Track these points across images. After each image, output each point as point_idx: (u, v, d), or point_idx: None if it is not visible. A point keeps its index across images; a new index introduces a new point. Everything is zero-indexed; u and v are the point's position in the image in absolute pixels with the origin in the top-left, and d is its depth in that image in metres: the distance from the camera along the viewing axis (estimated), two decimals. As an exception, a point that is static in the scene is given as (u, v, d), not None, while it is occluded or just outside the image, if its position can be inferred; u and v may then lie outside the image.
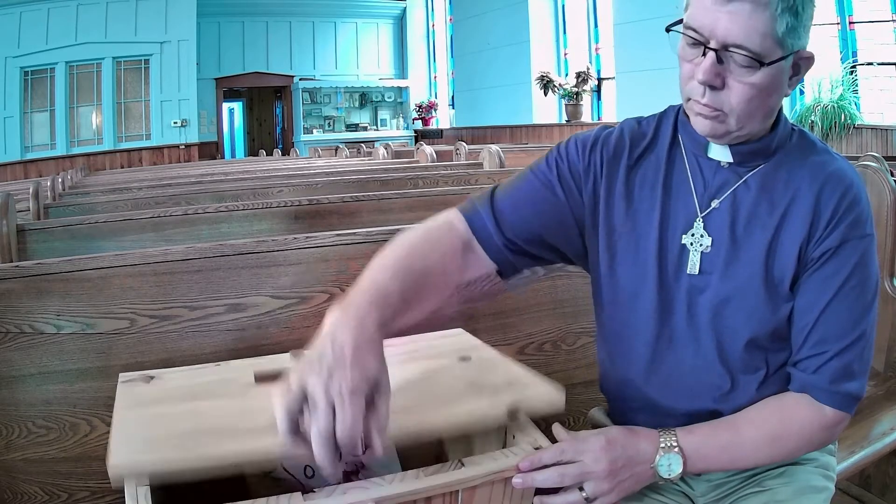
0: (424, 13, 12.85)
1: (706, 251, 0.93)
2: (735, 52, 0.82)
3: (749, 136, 0.91)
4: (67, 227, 2.39)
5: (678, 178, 0.96)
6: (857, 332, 0.90)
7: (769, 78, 0.84)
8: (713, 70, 0.84)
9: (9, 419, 1.10)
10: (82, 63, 9.98)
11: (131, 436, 0.82)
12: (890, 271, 1.77)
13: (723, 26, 0.81)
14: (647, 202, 0.96)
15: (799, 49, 0.85)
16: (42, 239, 2.36)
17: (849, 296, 0.90)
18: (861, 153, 3.73)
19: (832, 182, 0.91)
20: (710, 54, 0.83)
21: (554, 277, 1.44)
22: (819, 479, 0.97)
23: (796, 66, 0.88)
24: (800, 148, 0.94)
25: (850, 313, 0.90)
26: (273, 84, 12.34)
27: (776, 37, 0.82)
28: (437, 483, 0.79)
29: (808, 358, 0.91)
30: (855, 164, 1.84)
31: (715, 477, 0.99)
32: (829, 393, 0.90)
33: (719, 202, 0.93)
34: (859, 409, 1.56)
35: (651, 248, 0.95)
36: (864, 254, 0.90)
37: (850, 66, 5.92)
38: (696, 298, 0.93)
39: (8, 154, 9.60)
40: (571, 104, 9.11)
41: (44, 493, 1.12)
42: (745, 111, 0.86)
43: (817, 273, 0.90)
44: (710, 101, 0.86)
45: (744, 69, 0.83)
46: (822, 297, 0.90)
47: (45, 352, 1.11)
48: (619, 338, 1.01)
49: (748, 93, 0.84)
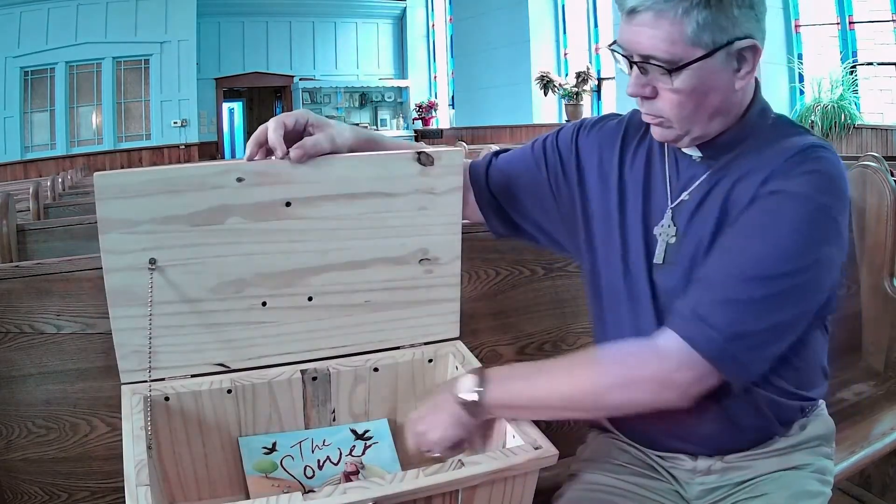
0: (424, 13, 12.84)
1: (671, 242, 0.95)
2: (650, 64, 0.84)
3: (707, 135, 0.90)
4: (67, 227, 2.39)
5: (659, 171, 0.98)
6: (726, 271, 0.84)
7: (695, 80, 0.84)
8: (639, 82, 0.87)
9: (9, 419, 1.10)
10: (82, 63, 9.97)
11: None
12: (890, 271, 1.77)
13: (634, 40, 0.84)
14: (631, 193, 0.99)
15: (730, 41, 0.83)
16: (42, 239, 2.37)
17: (735, 235, 0.86)
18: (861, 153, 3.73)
19: (790, 150, 0.87)
20: (634, 68, 0.86)
21: (554, 277, 1.45)
22: (815, 483, 0.96)
23: (740, 58, 0.85)
24: (775, 133, 0.91)
25: (726, 250, 0.85)
26: (273, 84, 12.33)
27: (687, 38, 0.81)
28: (437, 482, 0.79)
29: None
30: (855, 164, 1.85)
31: (709, 481, 0.98)
32: (673, 317, 0.86)
33: (688, 194, 0.94)
34: (859, 409, 1.57)
35: (630, 237, 0.98)
36: (787, 208, 0.83)
37: (850, 66, 5.92)
38: (660, 288, 0.95)
39: (8, 154, 9.60)
40: (571, 104, 9.10)
41: (44, 493, 1.12)
42: (681, 116, 0.87)
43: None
44: (648, 110, 0.90)
45: (662, 77, 0.85)
46: (719, 240, 0.88)
47: (45, 352, 1.11)
48: (602, 326, 1.05)
49: (675, 98, 0.86)
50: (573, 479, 1.03)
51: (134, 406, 0.91)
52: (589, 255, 1.04)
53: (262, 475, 0.98)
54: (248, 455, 1.00)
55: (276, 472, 0.99)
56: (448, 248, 1.06)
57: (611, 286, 1.01)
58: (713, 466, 0.98)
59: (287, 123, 0.94)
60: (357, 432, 1.06)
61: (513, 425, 0.91)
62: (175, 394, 0.97)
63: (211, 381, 0.99)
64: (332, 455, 1.03)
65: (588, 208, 1.04)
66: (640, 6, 0.82)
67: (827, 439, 1.01)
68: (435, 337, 1.11)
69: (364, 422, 1.08)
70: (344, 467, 1.02)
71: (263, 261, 0.98)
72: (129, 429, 0.87)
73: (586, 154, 1.05)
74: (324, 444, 1.04)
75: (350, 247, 1.01)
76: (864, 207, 1.79)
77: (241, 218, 0.94)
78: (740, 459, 0.97)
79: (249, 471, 0.99)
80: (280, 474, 0.99)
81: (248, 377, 1.01)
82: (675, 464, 1.01)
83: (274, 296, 1.00)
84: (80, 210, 3.18)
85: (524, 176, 1.09)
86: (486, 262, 1.38)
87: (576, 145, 1.06)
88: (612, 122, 1.06)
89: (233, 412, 1.01)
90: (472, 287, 1.36)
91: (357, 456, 1.04)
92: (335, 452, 1.03)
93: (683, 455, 1.00)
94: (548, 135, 1.11)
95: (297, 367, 1.03)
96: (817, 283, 0.86)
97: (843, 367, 1.77)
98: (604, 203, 1.01)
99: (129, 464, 0.79)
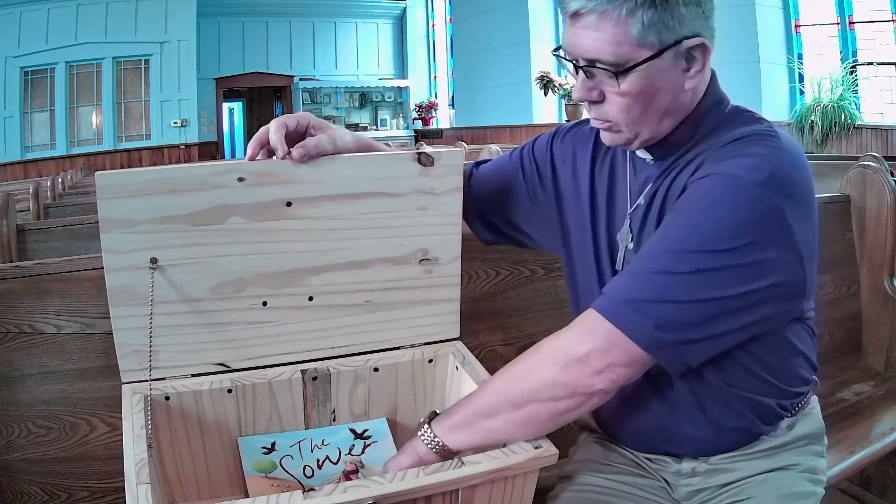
0: (424, 13, 12.84)
1: (629, 247, 0.95)
2: (595, 67, 0.83)
3: (657, 136, 0.89)
4: (67, 227, 2.39)
5: (621, 176, 0.99)
6: (652, 252, 0.82)
7: (642, 81, 0.82)
8: (585, 87, 0.86)
9: (9, 419, 1.11)
10: (82, 63, 9.97)
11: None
12: (890, 271, 1.77)
13: (578, 44, 0.83)
14: (600, 199, 1.00)
15: (678, 41, 0.81)
16: (42, 239, 2.37)
17: (665, 222, 0.85)
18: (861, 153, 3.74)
19: (728, 140, 0.85)
20: (580, 72, 0.85)
21: (554, 277, 1.45)
22: (805, 483, 0.94)
23: (689, 58, 0.84)
24: (725, 126, 0.88)
25: (658, 239, 0.83)
26: (273, 84, 12.33)
27: (632, 39, 0.80)
28: (437, 481, 0.79)
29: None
30: (855, 164, 1.85)
31: (694, 483, 0.98)
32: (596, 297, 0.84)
33: (642, 198, 0.94)
34: (859, 409, 1.57)
35: (599, 243, 0.99)
36: (719, 188, 0.80)
37: (850, 66, 5.92)
38: None
39: (8, 154, 9.60)
40: (571, 104, 9.08)
41: (44, 493, 1.12)
42: (629, 119, 0.86)
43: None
44: (596, 115, 0.88)
45: (609, 80, 0.83)
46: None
47: (45, 352, 1.11)
48: None
49: (622, 101, 0.84)
50: (566, 480, 1.03)
51: (134, 406, 0.91)
52: (567, 258, 1.06)
53: (261, 475, 0.98)
54: (248, 455, 1.00)
55: (275, 472, 0.99)
56: (448, 248, 1.06)
57: (587, 290, 1.02)
58: (697, 468, 0.98)
59: (288, 125, 0.94)
60: (356, 432, 1.06)
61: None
62: (175, 393, 0.97)
63: (211, 380, 0.99)
64: (331, 454, 1.03)
65: (564, 214, 1.05)
66: (583, 8, 0.80)
67: (817, 438, 1.00)
68: (435, 337, 1.11)
69: (363, 421, 1.08)
70: (343, 466, 1.02)
71: (264, 261, 0.98)
72: (130, 428, 0.87)
73: (560, 161, 1.07)
74: (323, 443, 1.04)
75: (350, 247, 1.01)
76: (864, 207, 1.79)
77: (242, 218, 0.94)
78: (724, 461, 0.96)
79: (249, 471, 0.98)
80: (279, 474, 0.99)
81: (249, 377, 1.01)
82: (661, 465, 1.01)
83: (274, 296, 1.00)
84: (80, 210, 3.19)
85: (504, 184, 1.11)
86: (486, 262, 1.39)
87: (551, 153, 1.08)
88: (586, 127, 1.06)
89: (233, 412, 1.01)
90: (472, 287, 1.36)
91: (357, 455, 1.04)
92: (334, 452, 1.03)
93: (668, 457, 1.00)
94: (526, 143, 1.12)
95: (297, 366, 1.03)
96: (757, 268, 0.79)
97: (843, 367, 1.77)
98: (577, 210, 1.03)
99: (129, 463, 0.79)
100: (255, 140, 0.94)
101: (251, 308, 0.99)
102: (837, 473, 1.28)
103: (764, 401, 0.94)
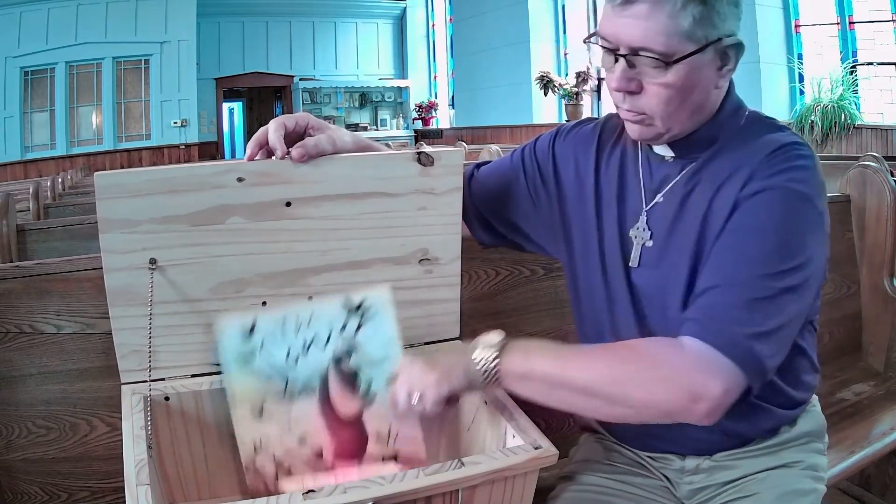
0: (424, 13, 12.84)
1: (647, 245, 0.94)
2: (641, 56, 0.82)
3: (683, 132, 0.90)
4: (67, 227, 2.39)
5: (632, 173, 0.98)
6: (739, 273, 0.82)
7: (684, 75, 0.83)
8: (625, 76, 0.85)
9: (9, 419, 1.11)
10: (82, 63, 9.97)
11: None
12: (890, 271, 1.77)
13: (625, 32, 0.82)
14: (607, 196, 0.99)
15: (719, 38, 0.83)
16: (42, 239, 2.37)
17: (736, 237, 0.84)
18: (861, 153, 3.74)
19: (767, 149, 0.86)
20: (620, 61, 0.84)
21: (554, 277, 1.45)
22: (807, 481, 0.95)
23: (724, 56, 0.86)
24: (749, 131, 0.91)
25: (731, 253, 0.83)
26: (273, 84, 12.33)
27: (682, 32, 0.81)
28: (437, 482, 0.79)
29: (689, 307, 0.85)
30: (855, 164, 1.85)
31: (697, 480, 0.98)
32: (691, 322, 0.82)
33: (662, 196, 0.94)
34: (859, 409, 1.57)
35: (606, 241, 0.98)
36: (777, 204, 0.83)
37: (850, 66, 5.92)
38: (637, 292, 0.95)
39: (8, 154, 9.59)
40: (571, 104, 9.10)
41: (44, 493, 1.13)
42: (667, 112, 0.86)
43: (724, 227, 0.86)
44: (630, 106, 0.87)
45: (654, 70, 0.83)
46: (715, 245, 0.85)
47: (45, 352, 1.11)
48: (582, 329, 1.05)
49: (664, 93, 0.84)
50: (567, 480, 1.03)
51: (134, 406, 0.91)
52: (568, 259, 1.05)
53: (239, 365, 0.92)
54: (226, 344, 0.93)
55: (254, 361, 0.93)
56: (448, 248, 1.07)
57: (589, 289, 1.01)
58: (701, 465, 0.98)
59: (287, 125, 0.94)
60: (351, 305, 0.96)
61: (512, 425, 0.91)
62: (175, 394, 0.97)
63: (211, 381, 0.99)
64: (319, 334, 0.95)
65: (566, 213, 1.04)
66: None
67: (818, 435, 1.01)
68: (435, 337, 1.11)
69: (360, 292, 0.97)
70: (332, 352, 0.95)
71: (264, 261, 0.98)
72: (129, 429, 0.87)
73: (562, 160, 1.06)
74: (310, 320, 0.95)
75: (350, 247, 1.01)
76: (864, 207, 1.79)
77: (242, 218, 0.94)
78: (728, 458, 0.97)
79: (228, 366, 0.93)
80: (259, 362, 0.93)
81: (249, 377, 1.00)
82: (664, 464, 1.01)
83: (274, 296, 1.00)
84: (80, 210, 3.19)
85: (504, 186, 1.10)
86: (485, 262, 1.39)
87: (552, 152, 1.07)
88: (588, 126, 1.07)
89: (233, 412, 1.01)
90: (472, 287, 1.36)
91: (349, 335, 0.96)
92: (324, 331, 0.95)
93: (672, 455, 1.00)
94: (527, 144, 1.12)
95: (297, 366, 1.03)
96: (815, 276, 0.85)
97: (843, 367, 1.77)
98: (581, 208, 1.02)
99: (129, 464, 0.79)
100: (254, 140, 0.94)
101: (251, 308, 0.99)
102: (837, 473, 1.28)
103: (772, 405, 0.95)
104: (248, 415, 0.94)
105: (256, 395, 0.94)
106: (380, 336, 0.96)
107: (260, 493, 0.92)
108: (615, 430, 1.06)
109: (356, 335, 0.96)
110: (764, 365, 0.80)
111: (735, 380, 0.78)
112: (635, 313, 0.95)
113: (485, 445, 1.00)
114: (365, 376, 0.96)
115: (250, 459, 0.94)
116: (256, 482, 0.94)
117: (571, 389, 0.83)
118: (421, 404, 0.88)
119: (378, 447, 0.97)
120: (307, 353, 0.95)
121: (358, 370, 0.96)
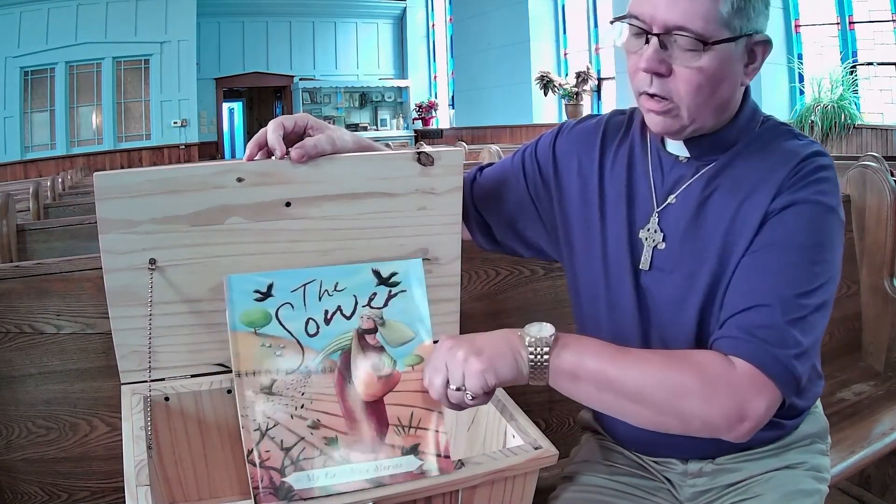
0: (424, 13, 12.85)
1: (659, 247, 0.92)
2: (678, 35, 0.81)
3: (704, 129, 0.88)
4: (67, 227, 2.39)
5: (641, 173, 0.96)
6: (779, 293, 0.81)
7: (717, 62, 0.82)
8: (657, 56, 0.82)
9: (9, 419, 1.11)
10: (82, 63, 9.98)
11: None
12: (890, 271, 1.77)
13: (663, 10, 0.81)
14: (613, 196, 0.97)
15: (751, 33, 0.83)
16: (42, 239, 2.37)
17: (771, 254, 0.83)
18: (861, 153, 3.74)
19: (792, 160, 0.86)
20: (652, 40, 0.82)
21: (554, 277, 1.45)
22: (810, 482, 0.95)
23: (751, 53, 0.85)
24: (768, 138, 0.90)
25: (768, 271, 0.83)
26: (273, 84, 12.34)
27: (721, 18, 0.80)
28: (437, 482, 0.79)
29: (723, 323, 0.84)
30: (855, 164, 1.85)
31: (700, 483, 0.98)
32: (735, 340, 0.80)
33: (675, 197, 0.92)
34: (859, 409, 1.57)
35: (611, 242, 0.96)
36: (807, 219, 0.83)
37: (850, 66, 5.92)
38: (644, 295, 0.93)
39: (8, 154, 9.61)
40: (571, 104, 9.11)
41: (44, 493, 1.13)
42: (695, 100, 0.84)
43: (753, 242, 0.85)
44: (658, 89, 0.84)
45: (688, 53, 0.81)
46: (747, 259, 0.85)
47: (45, 352, 1.11)
48: (583, 332, 1.02)
49: (695, 78, 0.82)
50: (568, 480, 1.03)
51: (134, 406, 0.91)
52: (569, 261, 1.04)
53: (250, 330, 0.85)
54: (237, 300, 0.86)
55: (268, 327, 0.85)
56: (448, 248, 1.06)
57: (590, 292, 1.00)
58: (704, 469, 0.98)
59: (286, 125, 0.94)
60: (381, 274, 0.90)
61: (513, 425, 0.91)
62: (175, 394, 0.97)
63: (211, 381, 0.99)
64: (344, 305, 0.88)
65: (567, 214, 1.02)
66: None
67: (821, 437, 1.01)
68: (435, 337, 1.10)
69: (392, 261, 0.91)
70: (358, 323, 0.87)
71: (264, 261, 0.97)
72: (129, 429, 0.87)
73: (564, 159, 1.04)
74: (335, 288, 0.88)
75: (350, 247, 1.01)
76: (864, 207, 1.79)
77: (242, 218, 0.94)
78: (731, 461, 0.97)
79: (235, 324, 0.85)
80: (273, 329, 0.86)
81: (248, 377, 1.00)
82: (666, 467, 1.01)
83: (274, 296, 1.00)
84: (80, 210, 3.19)
85: (506, 189, 1.08)
86: (486, 262, 1.39)
87: (553, 151, 1.05)
88: (591, 122, 1.05)
89: (233, 412, 1.01)
90: (472, 287, 1.36)
91: (377, 308, 0.89)
92: (349, 301, 0.89)
93: (674, 459, 1.00)
94: (529, 144, 1.10)
95: (297, 366, 1.03)
96: (835, 287, 0.87)
97: (843, 367, 1.77)
98: (584, 208, 1.00)
99: (129, 464, 0.79)
100: (254, 141, 0.94)
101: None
102: (837, 473, 1.28)
103: (774, 418, 0.93)
104: (254, 391, 0.83)
105: (266, 366, 0.84)
106: (411, 311, 0.90)
107: (262, 489, 0.92)
108: (616, 434, 1.05)
109: (384, 308, 0.90)
110: (800, 382, 0.80)
111: (776, 399, 0.79)
112: (640, 317, 0.94)
113: (485, 445, 1.00)
114: (392, 354, 0.88)
115: (254, 447, 0.81)
116: (259, 475, 0.80)
117: (621, 394, 0.80)
118: (461, 394, 0.80)
119: (398, 437, 0.87)
120: (329, 323, 0.88)
121: (385, 347, 0.88)
